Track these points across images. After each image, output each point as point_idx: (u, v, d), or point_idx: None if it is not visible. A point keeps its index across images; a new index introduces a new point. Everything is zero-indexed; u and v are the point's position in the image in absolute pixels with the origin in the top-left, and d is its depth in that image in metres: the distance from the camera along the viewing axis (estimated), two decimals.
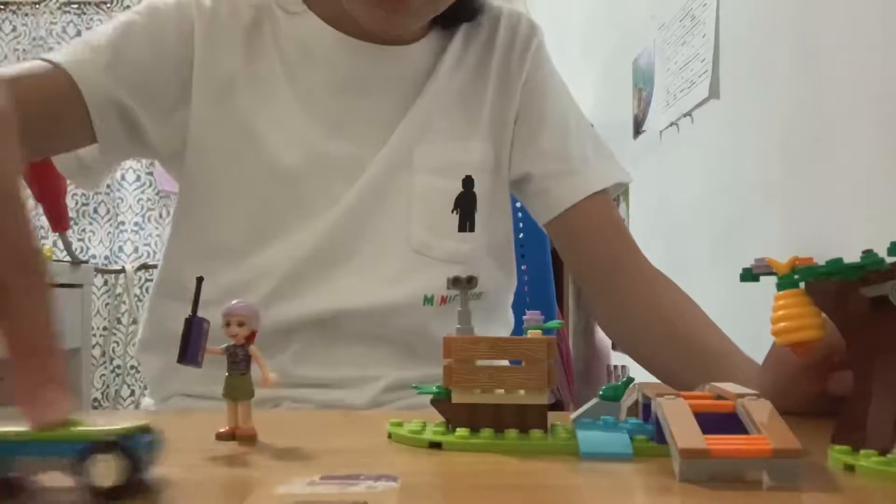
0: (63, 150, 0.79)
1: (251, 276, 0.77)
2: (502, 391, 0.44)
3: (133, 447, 0.34)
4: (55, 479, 0.34)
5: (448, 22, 0.84)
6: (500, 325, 0.86)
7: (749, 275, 0.48)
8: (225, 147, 0.79)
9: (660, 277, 0.84)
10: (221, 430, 0.45)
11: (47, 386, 0.34)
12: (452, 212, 0.81)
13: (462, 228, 0.81)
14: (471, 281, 0.47)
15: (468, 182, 0.82)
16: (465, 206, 0.82)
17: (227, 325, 0.45)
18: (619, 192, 0.88)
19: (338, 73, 0.81)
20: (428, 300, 0.79)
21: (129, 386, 3.85)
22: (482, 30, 0.87)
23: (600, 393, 0.49)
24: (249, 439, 0.45)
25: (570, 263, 0.89)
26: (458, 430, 0.45)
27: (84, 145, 0.77)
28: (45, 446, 0.34)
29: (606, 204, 0.86)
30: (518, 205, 0.93)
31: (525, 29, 0.88)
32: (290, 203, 0.78)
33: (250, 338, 0.45)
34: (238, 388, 0.45)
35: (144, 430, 0.35)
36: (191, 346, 0.44)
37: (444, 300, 0.78)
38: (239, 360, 0.45)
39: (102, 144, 0.76)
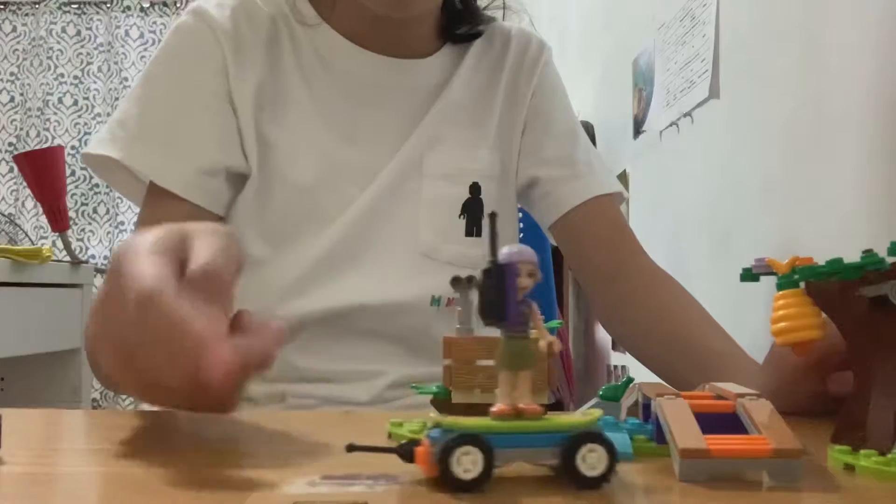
0: None
1: (265, 278, 0.78)
2: None
3: (610, 438, 0.35)
4: (524, 468, 0.36)
5: (457, 37, 0.86)
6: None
7: (749, 275, 0.48)
8: (249, 161, 0.79)
9: (662, 278, 0.84)
10: (497, 407, 0.36)
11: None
12: (460, 217, 0.83)
13: (469, 234, 0.83)
14: (471, 281, 0.47)
15: (475, 188, 0.84)
16: (472, 211, 0.83)
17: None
18: (620, 203, 0.89)
19: (354, 84, 0.82)
20: (436, 301, 0.80)
21: None
22: (494, 48, 0.90)
23: (600, 393, 0.49)
24: (535, 417, 0.36)
25: (574, 265, 0.91)
26: None
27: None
28: (529, 437, 0.35)
29: (610, 207, 0.87)
30: (518, 205, 0.94)
31: (535, 48, 0.90)
32: (307, 210, 0.80)
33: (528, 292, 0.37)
34: (521, 354, 0.36)
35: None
36: (509, 297, 0.35)
37: (450, 302, 0.80)
38: (523, 321, 0.36)
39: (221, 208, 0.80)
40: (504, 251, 0.36)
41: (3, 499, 0.34)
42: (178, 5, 3.92)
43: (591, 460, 0.34)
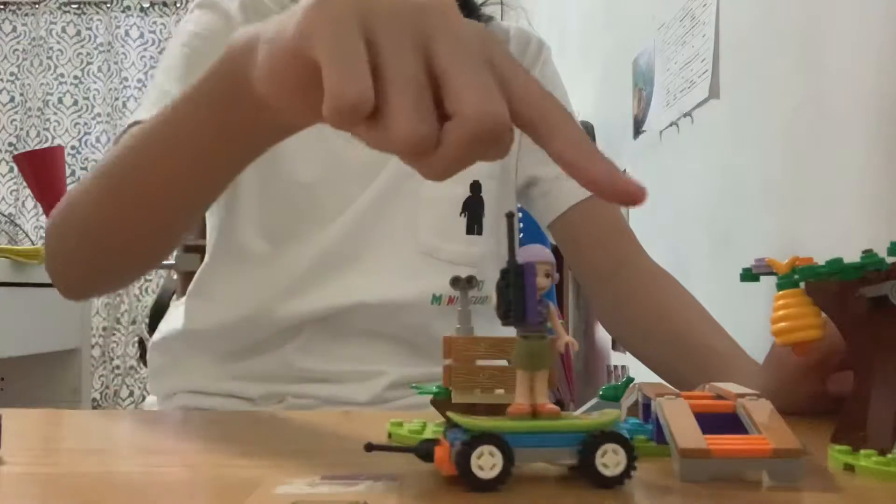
0: None
1: (266, 277, 0.78)
2: (502, 391, 0.44)
3: (629, 437, 0.35)
4: (538, 468, 0.36)
5: None
6: (502, 331, 0.87)
7: (749, 275, 0.48)
8: None
9: (662, 277, 0.84)
10: (515, 406, 0.36)
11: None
12: (460, 215, 0.83)
13: (470, 231, 0.83)
14: (470, 281, 0.47)
15: (476, 187, 0.84)
16: (473, 209, 0.83)
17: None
18: None
19: None
20: (436, 299, 0.80)
21: (128, 386, 3.85)
22: None
23: (600, 393, 0.49)
24: (553, 416, 0.37)
25: (573, 264, 0.90)
26: None
27: None
28: (548, 437, 0.35)
29: (609, 206, 0.87)
30: (518, 206, 0.94)
31: (534, 47, 0.91)
32: (308, 208, 0.80)
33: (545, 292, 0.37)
34: (538, 354, 0.36)
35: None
36: (529, 298, 0.35)
37: (451, 300, 0.80)
38: (540, 321, 0.36)
39: None
40: (521, 251, 0.36)
41: (3, 499, 0.34)
42: (177, 5, 3.92)
43: (609, 460, 0.34)
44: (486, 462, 0.34)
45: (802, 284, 0.45)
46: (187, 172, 0.53)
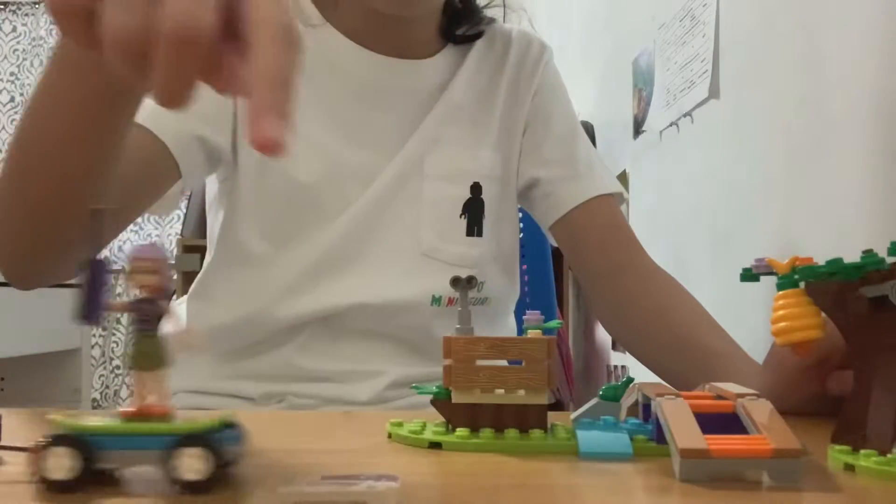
0: (157, 198, 0.76)
1: (266, 277, 0.79)
2: (502, 391, 0.44)
3: (218, 441, 0.34)
4: (140, 471, 0.35)
5: (458, 38, 0.87)
6: (502, 332, 0.87)
7: (749, 275, 0.48)
8: (249, 158, 0.79)
9: (663, 278, 0.84)
10: (126, 408, 0.36)
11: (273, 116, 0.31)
12: (461, 217, 0.83)
13: (470, 233, 0.83)
14: (470, 281, 0.47)
15: (476, 188, 0.84)
16: (473, 211, 0.84)
17: (133, 273, 0.35)
18: (620, 203, 0.89)
19: (356, 84, 0.82)
20: (436, 300, 0.80)
21: (128, 386, 3.85)
22: (495, 49, 0.90)
23: (600, 393, 0.49)
24: (164, 418, 0.36)
25: (574, 266, 0.91)
26: (458, 430, 0.45)
27: (171, 186, 0.76)
28: (133, 439, 0.34)
29: (610, 208, 0.87)
30: (518, 205, 0.94)
31: (536, 48, 0.91)
32: (308, 208, 0.80)
33: (159, 290, 0.36)
34: (147, 354, 0.36)
35: (229, 424, 0.35)
36: (95, 295, 0.34)
37: (451, 301, 0.80)
38: (148, 319, 0.36)
39: (186, 180, 0.75)
40: (127, 248, 0.36)
41: (3, 499, 0.34)
42: None
43: (190, 465, 0.33)
44: (59, 464, 0.33)
45: (802, 284, 0.45)
46: (75, 128, 0.53)
